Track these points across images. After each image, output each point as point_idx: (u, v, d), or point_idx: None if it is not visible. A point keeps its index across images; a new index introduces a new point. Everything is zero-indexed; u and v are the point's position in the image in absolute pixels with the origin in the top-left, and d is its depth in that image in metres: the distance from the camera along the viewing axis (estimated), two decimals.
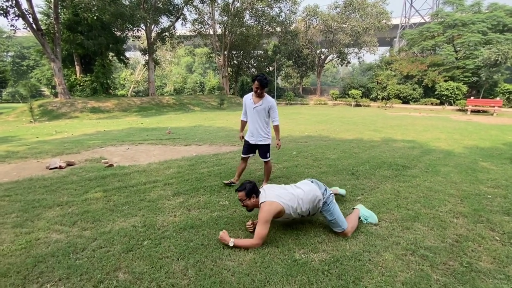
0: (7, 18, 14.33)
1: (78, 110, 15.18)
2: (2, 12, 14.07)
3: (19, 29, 15.11)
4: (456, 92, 22.04)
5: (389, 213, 3.01)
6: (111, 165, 4.89)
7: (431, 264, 2.14)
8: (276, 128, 3.76)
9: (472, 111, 18.26)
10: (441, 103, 23.11)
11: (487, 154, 5.99)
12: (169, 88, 47.44)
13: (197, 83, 44.47)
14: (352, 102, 26.44)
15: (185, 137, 8.07)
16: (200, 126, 10.97)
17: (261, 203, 2.44)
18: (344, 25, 27.62)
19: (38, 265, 2.09)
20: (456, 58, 23.61)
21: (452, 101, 22.40)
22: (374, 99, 27.12)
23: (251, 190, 2.53)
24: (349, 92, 27.30)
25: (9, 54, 44.21)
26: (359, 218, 2.77)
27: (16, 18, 14.56)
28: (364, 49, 30.43)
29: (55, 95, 37.44)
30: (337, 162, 5.15)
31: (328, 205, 2.54)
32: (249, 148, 3.81)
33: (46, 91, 43.07)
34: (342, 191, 3.44)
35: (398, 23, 42.13)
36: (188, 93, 41.92)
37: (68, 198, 3.38)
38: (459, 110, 20.04)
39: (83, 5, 13.93)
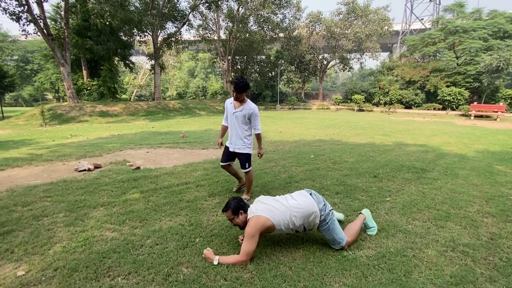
0: (19, 23, 14.58)
1: (87, 114, 15.33)
2: (14, 17, 14.31)
3: (30, 34, 15.34)
4: (458, 97, 22.32)
5: (421, 213, 3.14)
6: (138, 168, 5.02)
7: (473, 259, 2.28)
8: (258, 136, 3.51)
9: (476, 116, 18.48)
10: (444, 108, 23.36)
11: (499, 158, 6.15)
12: (171, 93, 47.75)
13: (199, 88, 44.77)
14: (355, 107, 26.68)
15: (200, 141, 8.21)
16: (211, 130, 11.12)
17: (249, 218, 2.31)
18: (346, 31, 28.02)
19: (103, 260, 2.21)
20: (458, 64, 23.96)
21: (454, 106, 22.67)
22: (377, 104, 27.36)
23: (237, 206, 2.37)
24: (352, 97, 27.55)
25: (13, 58, 44.40)
26: (363, 224, 2.66)
27: (28, 23, 14.80)
28: (366, 55, 30.81)
29: (58, 99, 37.67)
30: (356, 165, 5.29)
31: (327, 223, 2.36)
32: (228, 155, 3.56)
33: (49, 95, 43.30)
34: (340, 216, 2.92)
35: (398, 29, 42.69)
36: (191, 97, 42.17)
37: (108, 199, 3.51)
38: (463, 115, 20.27)
39: (95, 11, 14.20)
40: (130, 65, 24.67)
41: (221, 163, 3.66)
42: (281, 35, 28.91)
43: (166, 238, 2.57)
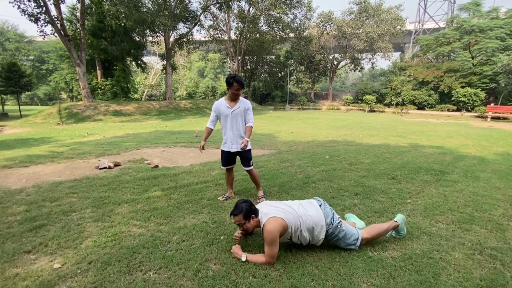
0: (37, 24, 15.01)
1: (101, 113, 15.67)
2: (33, 18, 14.75)
3: (48, 34, 15.77)
4: (474, 99, 21.79)
5: (444, 216, 3.11)
6: (156, 166, 5.12)
7: (502, 263, 2.24)
8: (249, 129, 3.38)
9: (493, 118, 18.01)
10: (458, 110, 22.85)
11: None
12: (181, 92, 48.27)
13: (208, 88, 45.12)
14: (366, 108, 26.38)
15: (213, 140, 8.28)
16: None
17: (264, 220, 2.19)
18: (358, 31, 27.73)
19: (134, 255, 2.28)
20: (473, 64, 23.38)
21: (469, 107, 22.14)
22: (388, 105, 26.99)
23: (249, 210, 2.25)
24: (363, 97, 27.26)
25: (29, 58, 45.72)
26: (393, 230, 2.61)
27: (46, 24, 15.23)
28: (378, 55, 30.42)
29: (72, 98, 38.59)
30: (373, 166, 5.26)
31: (336, 235, 2.31)
32: (229, 158, 3.48)
33: (63, 94, 44.40)
34: (361, 225, 2.73)
35: (411, 28, 41.96)
36: (200, 97, 42.54)
37: (131, 196, 3.60)
38: (478, 116, 19.79)
39: (111, 12, 14.52)
40: (142, 65, 25.08)
41: (225, 167, 3.54)
42: (291, 35, 28.82)
43: (192, 235, 2.62)
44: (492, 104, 20.50)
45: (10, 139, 8.89)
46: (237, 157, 3.53)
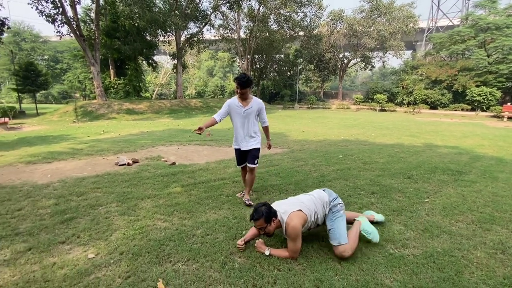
0: (54, 25, 15.44)
1: (115, 112, 16.01)
2: (50, 19, 15.17)
3: (64, 35, 16.19)
4: (489, 98, 21.26)
5: (464, 215, 3.10)
6: (173, 163, 5.24)
7: None
8: (267, 129, 3.55)
9: (509, 118, 17.55)
10: (473, 109, 22.35)
11: None
12: (191, 91, 48.72)
13: (217, 87, 45.39)
14: (377, 107, 26.07)
15: (225, 139, 8.40)
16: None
17: (286, 218, 2.23)
18: (369, 29, 27.38)
19: (162, 247, 2.38)
20: (489, 63, 22.80)
21: (484, 107, 21.62)
22: (400, 104, 26.60)
23: (269, 213, 2.24)
24: (374, 96, 26.94)
25: (44, 57, 46.93)
26: (360, 231, 2.46)
27: (62, 25, 15.64)
28: (389, 53, 29.99)
29: (85, 97, 39.44)
30: (388, 166, 5.25)
31: (333, 213, 2.41)
32: (241, 156, 3.52)
33: (77, 93, 45.40)
34: (379, 217, 2.86)
35: (423, 26, 41.13)
36: (209, 96, 42.85)
37: (153, 192, 3.72)
38: (494, 116, 19.31)
39: (126, 13, 14.81)
40: (153, 64, 25.45)
41: (240, 166, 3.61)
42: (301, 33, 28.71)
43: (215, 229, 2.71)
44: (508, 104, 19.94)
45: (30, 136, 9.21)
46: None
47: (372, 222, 2.74)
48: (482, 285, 1.98)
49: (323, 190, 2.57)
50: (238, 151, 3.50)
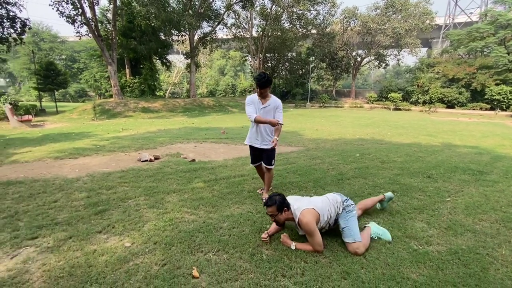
0: (74, 26, 15.96)
1: (131, 110, 16.42)
2: (70, 20, 15.69)
3: (84, 35, 16.70)
4: (509, 97, 20.59)
5: (487, 215, 3.09)
6: (193, 160, 5.40)
7: None
8: (279, 128, 3.39)
9: None
10: (492, 108, 21.68)
11: None
12: (202, 90, 49.19)
13: (228, 85, 45.67)
14: (391, 106, 25.64)
15: (240, 137, 8.51)
16: (247, 126, 11.40)
17: (299, 214, 2.34)
18: (384, 27, 26.91)
19: (192, 238, 2.51)
20: (509, 61, 22.03)
21: (504, 106, 20.94)
22: (415, 103, 26.08)
23: (282, 203, 2.37)
24: (388, 95, 26.50)
25: (62, 57, 48.43)
26: (371, 236, 2.52)
27: (81, 25, 16.15)
28: (404, 51, 29.39)
29: (100, 95, 40.51)
30: (406, 165, 5.22)
31: (346, 213, 2.47)
32: (256, 154, 3.49)
33: (93, 92, 46.68)
34: (389, 194, 3.15)
35: (440, 23, 40.03)
36: (221, 95, 43.17)
37: (177, 187, 3.86)
38: None
39: (142, 13, 15.16)
40: (167, 63, 25.88)
41: (253, 164, 3.59)
42: (314, 31, 28.51)
43: (240, 223, 2.82)
44: None
45: (53, 133, 9.61)
46: None
47: (383, 201, 3.13)
48: (508, 281, 2.01)
49: (334, 193, 2.68)
50: (251, 148, 3.52)
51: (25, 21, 15.70)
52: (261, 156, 3.49)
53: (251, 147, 3.52)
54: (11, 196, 3.55)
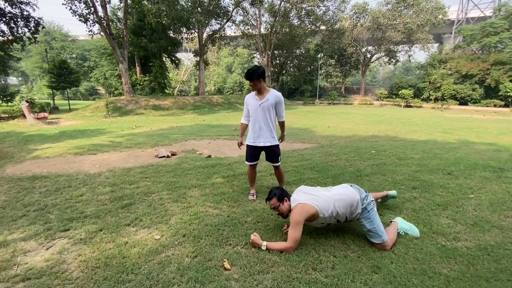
0: (86, 24, 16.19)
1: (142, 107, 16.62)
2: (82, 19, 15.93)
3: (96, 34, 16.94)
4: None
5: (511, 211, 3.05)
6: (209, 156, 5.45)
7: None
8: (283, 124, 3.38)
9: None
10: (506, 105, 21.15)
11: None
12: (210, 88, 49.32)
13: (236, 83, 45.65)
14: (402, 103, 25.25)
15: None
16: None
17: (293, 206, 2.35)
18: (395, 22, 26.44)
19: (219, 231, 2.55)
20: None
21: None
22: (426, 100, 25.62)
23: (282, 194, 2.44)
24: (399, 92, 26.10)
25: (72, 56, 49.20)
26: (398, 231, 2.51)
27: (93, 24, 16.37)
28: (416, 47, 28.86)
29: (110, 93, 41.07)
30: (424, 161, 5.16)
31: (368, 212, 2.37)
32: (255, 153, 3.33)
33: (101, 89, 47.35)
34: (392, 192, 3.16)
35: (452, 18, 39.09)
36: (228, 92, 43.22)
37: (197, 182, 3.92)
38: None
39: (154, 11, 15.28)
40: (176, 61, 26.04)
41: (249, 163, 3.38)
42: (323, 27, 28.22)
43: (264, 217, 2.85)
44: None
45: (69, 130, 9.81)
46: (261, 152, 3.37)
47: (385, 198, 3.11)
48: None
49: (350, 186, 2.52)
50: (251, 148, 3.30)
51: (39, 20, 15.96)
52: (259, 155, 3.36)
53: (251, 147, 3.30)
54: (38, 190, 3.66)
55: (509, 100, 21.03)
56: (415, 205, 3.19)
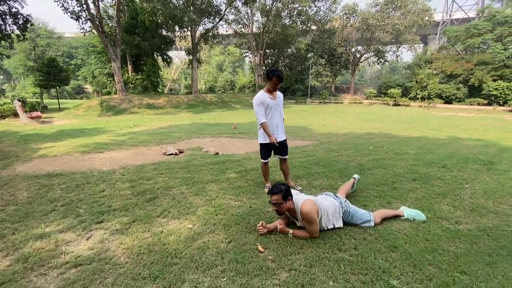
0: (78, 22, 15.94)
1: (136, 106, 16.52)
2: (74, 16, 15.66)
3: (88, 31, 16.67)
4: (506, 92, 21.08)
5: (505, 199, 3.38)
6: (217, 153, 5.63)
7: None
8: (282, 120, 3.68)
9: None
10: (489, 104, 22.18)
11: None
12: (200, 86, 49.08)
13: (227, 82, 45.67)
14: (390, 102, 26.03)
15: (253, 132, 8.73)
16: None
17: (300, 205, 2.40)
18: (384, 23, 27.19)
19: (245, 220, 2.75)
20: (506, 57, 22.51)
21: (501, 101, 21.44)
22: (413, 99, 26.51)
23: (288, 192, 2.44)
24: (388, 91, 26.88)
25: (58, 53, 47.85)
26: (406, 217, 2.79)
27: (86, 21, 16.12)
28: (403, 47, 29.75)
29: (98, 92, 40.25)
30: (419, 156, 5.51)
31: (349, 212, 2.62)
32: (270, 150, 3.54)
33: (89, 88, 46.33)
34: (357, 176, 3.51)
35: (438, 19, 40.41)
36: (219, 91, 43.18)
37: (212, 177, 4.10)
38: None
39: (149, 9, 15.20)
40: (168, 59, 25.87)
41: (265, 160, 3.59)
42: (314, 27, 28.68)
43: None
44: None
45: (67, 129, 9.72)
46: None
47: (353, 185, 3.37)
48: None
49: (325, 195, 2.76)
50: (268, 146, 3.45)
51: (28, 17, 15.60)
52: (276, 149, 3.52)
53: (268, 145, 3.44)
54: (58, 186, 3.75)
55: (492, 98, 22.06)
56: (417, 195, 3.48)
